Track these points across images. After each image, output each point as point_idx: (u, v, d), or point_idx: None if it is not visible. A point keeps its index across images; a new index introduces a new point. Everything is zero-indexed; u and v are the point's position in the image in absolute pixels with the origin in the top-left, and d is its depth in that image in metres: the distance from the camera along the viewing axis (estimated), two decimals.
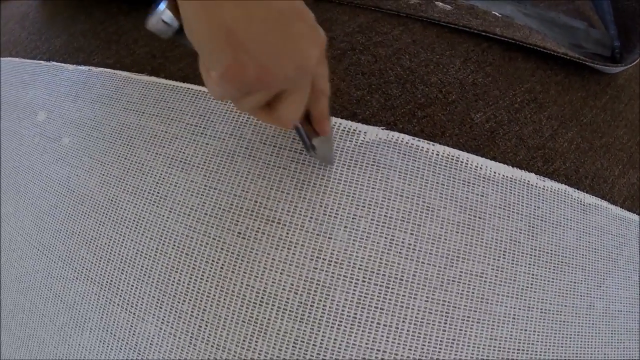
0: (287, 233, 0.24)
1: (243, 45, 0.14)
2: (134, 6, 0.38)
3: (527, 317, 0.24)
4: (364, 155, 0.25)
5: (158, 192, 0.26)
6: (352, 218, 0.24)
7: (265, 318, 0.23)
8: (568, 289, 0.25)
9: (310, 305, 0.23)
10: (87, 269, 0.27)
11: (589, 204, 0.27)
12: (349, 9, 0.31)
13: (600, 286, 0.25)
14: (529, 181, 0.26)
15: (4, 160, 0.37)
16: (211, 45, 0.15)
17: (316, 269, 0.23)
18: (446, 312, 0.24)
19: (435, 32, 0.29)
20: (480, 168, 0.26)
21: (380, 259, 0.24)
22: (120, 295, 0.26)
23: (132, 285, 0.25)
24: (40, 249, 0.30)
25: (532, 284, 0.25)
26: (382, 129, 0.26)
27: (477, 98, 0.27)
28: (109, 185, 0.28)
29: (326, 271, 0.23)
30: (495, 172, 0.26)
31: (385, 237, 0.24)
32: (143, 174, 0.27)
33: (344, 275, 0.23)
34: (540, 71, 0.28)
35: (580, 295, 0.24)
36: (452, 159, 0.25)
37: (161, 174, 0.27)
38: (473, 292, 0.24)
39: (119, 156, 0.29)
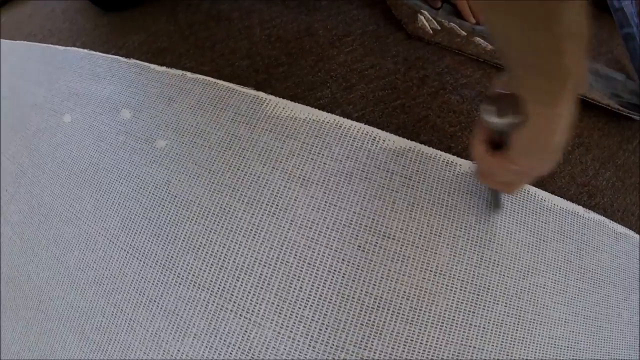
0: (401, 248, 0.26)
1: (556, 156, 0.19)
2: (224, 14, 0.37)
3: (574, 321, 0.29)
4: (460, 184, 0.28)
5: (277, 205, 0.27)
6: (452, 237, 0.27)
7: (381, 321, 0.25)
8: (602, 301, 0.30)
9: (419, 310, 0.26)
10: (193, 275, 0.27)
11: (620, 233, 0.32)
12: (437, 49, 0.34)
13: (626, 299, 0.31)
14: (578, 212, 0.31)
15: (75, 150, 0.35)
16: (548, 158, 0.20)
17: (424, 278, 0.26)
18: (519, 316, 0.28)
19: None
20: (544, 200, 0.30)
21: (473, 272, 0.27)
22: (234, 302, 0.26)
23: (249, 292, 0.26)
24: (130, 251, 0.29)
25: (578, 295, 0.30)
26: (472, 163, 0.29)
27: None
28: (220, 193, 0.28)
29: (432, 281, 0.26)
30: (554, 204, 0.31)
31: (477, 254, 0.27)
32: (259, 186, 0.28)
33: (445, 285, 0.26)
34: (586, 118, 0.34)
35: (611, 306, 0.30)
36: (525, 192, 0.30)
37: (279, 188, 0.27)
38: (537, 300, 0.29)
39: (230, 166, 0.29)
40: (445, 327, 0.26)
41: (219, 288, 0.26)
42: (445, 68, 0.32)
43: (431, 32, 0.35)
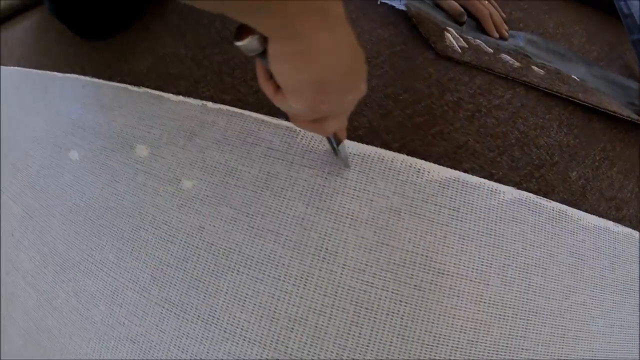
0: (455, 282, 0.26)
1: (325, 92, 0.18)
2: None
3: (611, 333, 0.30)
4: (505, 212, 0.28)
5: (326, 248, 0.25)
6: (502, 267, 0.27)
7: (441, 357, 0.25)
8: (634, 310, 0.31)
9: (476, 341, 0.25)
10: (242, 329, 0.25)
11: None
12: (466, 69, 0.33)
13: None
14: (608, 228, 0.32)
15: (88, 192, 0.31)
16: (298, 90, 0.18)
17: (478, 310, 0.26)
18: (563, 335, 0.28)
19: (535, 96, 0.33)
20: (580, 219, 0.31)
21: (523, 298, 0.27)
22: (290, 354, 0.24)
23: (305, 343, 0.24)
24: (166, 306, 0.26)
25: (613, 307, 0.31)
26: (515, 189, 0.29)
27: (571, 158, 0.32)
28: (262, 239, 0.26)
29: (486, 312, 0.26)
30: (589, 222, 0.31)
31: (525, 280, 0.27)
32: (305, 229, 0.26)
33: (498, 314, 0.26)
34: (608, 130, 0.34)
35: None
36: (563, 214, 0.30)
37: (327, 230, 0.25)
38: (578, 317, 0.29)
39: (269, 208, 0.26)
40: (500, 354, 0.26)
41: (272, 341, 0.24)
42: (478, 89, 0.31)
43: (460, 50, 0.34)
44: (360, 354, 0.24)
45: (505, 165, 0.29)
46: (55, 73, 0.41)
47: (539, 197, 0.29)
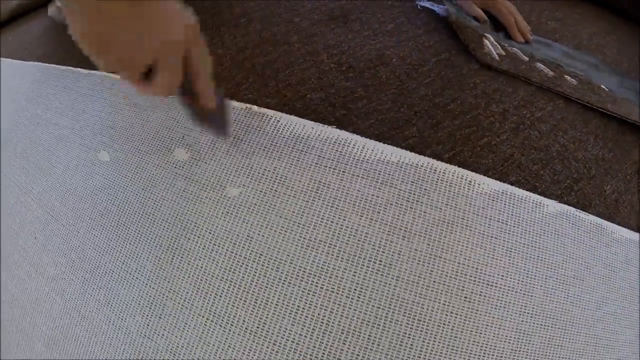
0: (502, 294, 0.27)
1: (108, 41, 0.19)
2: (280, 36, 0.33)
3: (637, 342, 0.32)
4: (548, 225, 0.29)
5: (380, 260, 0.26)
6: (544, 278, 0.28)
7: None
8: None
9: (519, 351, 0.26)
10: (293, 342, 0.25)
11: None
12: (510, 80, 0.34)
13: None
14: (637, 240, 0.34)
15: (121, 196, 0.30)
16: (82, 42, 0.19)
17: (522, 321, 0.27)
18: (595, 344, 0.30)
19: (574, 109, 0.34)
20: (613, 232, 0.32)
21: (561, 308, 0.28)
22: None
23: (357, 355, 0.25)
24: (211, 317, 0.26)
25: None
26: (557, 202, 0.30)
27: (606, 172, 0.33)
28: (315, 250, 0.26)
29: (528, 322, 0.27)
30: (621, 235, 0.33)
31: (564, 292, 0.29)
32: (359, 240, 0.26)
33: (539, 324, 0.27)
34: (638, 143, 0.36)
35: None
36: (599, 227, 0.31)
37: (380, 241, 0.26)
38: (609, 327, 0.31)
39: (321, 218, 0.27)
40: None
41: (324, 353, 0.25)
42: (522, 101, 0.32)
43: (498, 58, 0.34)
44: None
45: (547, 178, 0.30)
46: (79, 70, 0.39)
47: (578, 210, 0.31)
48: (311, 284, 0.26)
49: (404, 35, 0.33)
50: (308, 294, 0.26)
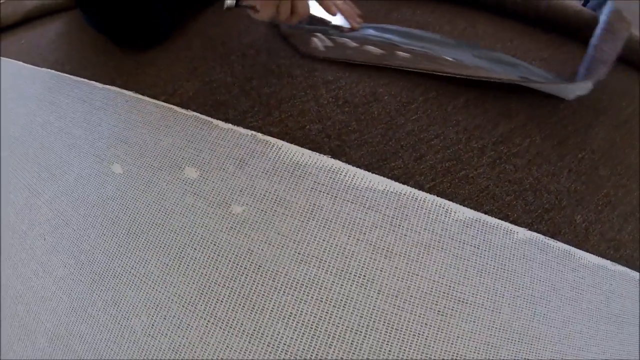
0: (472, 310, 0.31)
1: None
2: (285, 69, 0.38)
3: None
4: (517, 250, 0.33)
5: (364, 276, 0.30)
6: (512, 297, 0.32)
7: None
8: (627, 340, 0.37)
9: None
10: (284, 344, 0.29)
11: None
12: (491, 117, 0.38)
13: None
14: (606, 266, 0.38)
15: (132, 207, 0.35)
16: None
17: (491, 335, 0.31)
18: (561, 359, 0.34)
19: (550, 145, 0.39)
20: (581, 258, 0.37)
21: (528, 325, 0.32)
22: None
23: (342, 358, 0.29)
24: (212, 320, 0.31)
25: (606, 337, 0.37)
26: (527, 230, 0.34)
27: (577, 203, 0.38)
28: (307, 264, 0.31)
29: (496, 336, 0.31)
30: (589, 261, 0.37)
31: (531, 310, 0.33)
32: (346, 258, 0.31)
33: (507, 338, 0.32)
34: (613, 177, 0.40)
35: (633, 344, 0.38)
36: (567, 253, 0.36)
37: (365, 259, 0.30)
38: (575, 344, 0.35)
39: (314, 236, 0.31)
40: None
41: (311, 356, 0.29)
42: (500, 137, 0.36)
43: (324, 49, 0.40)
44: None
45: (519, 208, 0.35)
46: (94, 83, 0.44)
47: (547, 237, 0.35)
48: (303, 294, 0.30)
49: (396, 75, 0.38)
50: (300, 302, 0.30)
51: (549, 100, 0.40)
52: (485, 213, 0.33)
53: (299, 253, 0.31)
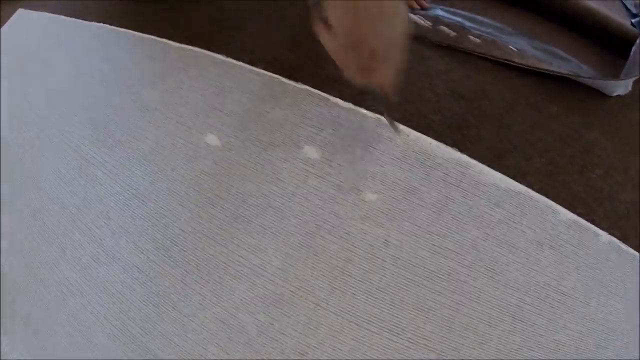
0: (572, 302, 0.36)
1: (364, 24, 0.26)
2: None
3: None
4: (602, 252, 0.39)
5: (494, 269, 0.32)
6: (598, 293, 0.38)
7: None
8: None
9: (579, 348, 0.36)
10: (425, 338, 0.30)
11: None
12: (585, 122, 0.44)
13: None
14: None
15: (239, 186, 0.31)
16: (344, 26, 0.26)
17: (583, 325, 0.36)
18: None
19: (627, 157, 0.46)
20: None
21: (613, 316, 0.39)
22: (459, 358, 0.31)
23: (474, 349, 0.31)
24: (345, 316, 0.30)
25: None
26: (607, 234, 0.41)
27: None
28: (441, 256, 0.32)
29: (587, 326, 0.36)
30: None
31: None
32: (477, 251, 0.32)
33: (594, 329, 0.37)
34: None
35: None
36: (634, 257, 0.43)
37: (494, 253, 0.33)
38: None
39: (448, 229, 0.32)
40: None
41: (447, 348, 0.30)
42: (584, 147, 0.42)
43: (453, 34, 0.43)
44: (513, 354, 0.32)
45: (601, 213, 0.40)
46: (166, 41, 0.38)
47: (621, 242, 0.42)
48: (440, 286, 0.31)
49: (500, 75, 0.41)
50: (438, 294, 0.31)
51: (623, 115, 0.47)
52: (578, 216, 0.39)
53: (434, 244, 0.32)
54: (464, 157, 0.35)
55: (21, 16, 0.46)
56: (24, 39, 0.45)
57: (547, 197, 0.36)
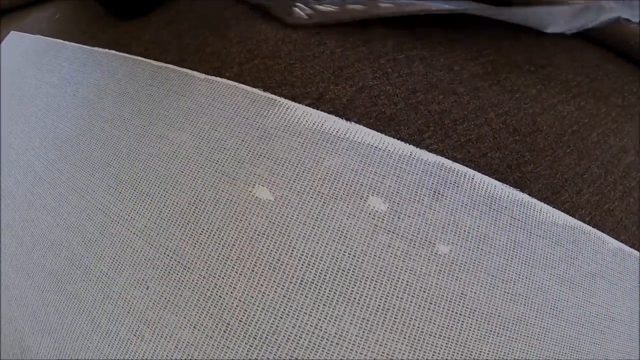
0: (620, 327, 0.41)
1: None
2: (444, 84, 0.39)
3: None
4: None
5: (557, 308, 0.36)
6: (622, 303, 0.44)
7: None
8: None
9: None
10: None
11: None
12: (616, 151, 0.49)
13: None
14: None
15: (300, 244, 0.31)
16: None
17: (628, 347, 0.42)
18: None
19: None
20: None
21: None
22: None
23: None
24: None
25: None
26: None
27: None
28: (515, 303, 0.34)
29: (631, 349, 0.42)
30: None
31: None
32: (543, 293, 0.35)
33: (637, 351, 0.43)
34: None
35: None
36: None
37: (557, 293, 0.36)
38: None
39: (518, 275, 0.35)
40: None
41: None
42: (624, 171, 0.47)
43: (306, 17, 0.46)
44: None
45: (638, 238, 0.47)
46: (190, 72, 0.35)
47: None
48: (513, 333, 0.34)
49: (545, 103, 0.44)
50: (511, 342, 0.34)
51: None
52: (622, 242, 0.44)
53: (507, 292, 0.35)
54: (526, 197, 0.38)
55: (13, 39, 0.40)
56: (16, 66, 0.39)
57: (597, 227, 0.41)
